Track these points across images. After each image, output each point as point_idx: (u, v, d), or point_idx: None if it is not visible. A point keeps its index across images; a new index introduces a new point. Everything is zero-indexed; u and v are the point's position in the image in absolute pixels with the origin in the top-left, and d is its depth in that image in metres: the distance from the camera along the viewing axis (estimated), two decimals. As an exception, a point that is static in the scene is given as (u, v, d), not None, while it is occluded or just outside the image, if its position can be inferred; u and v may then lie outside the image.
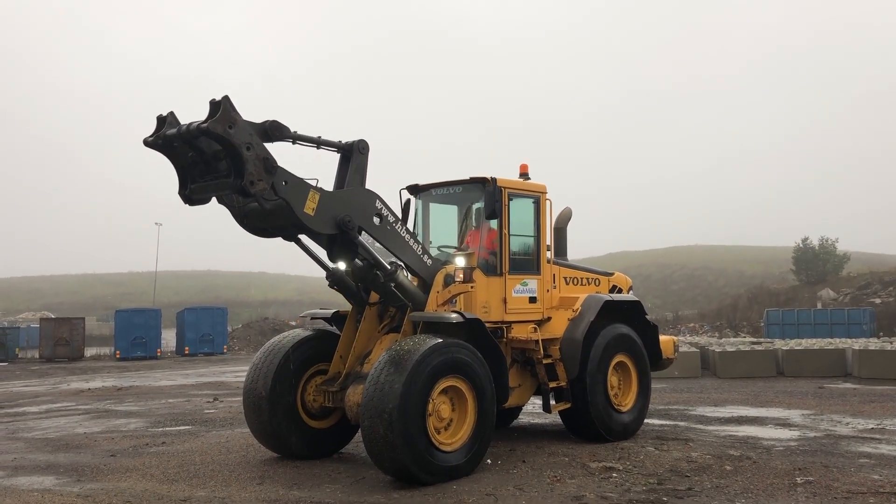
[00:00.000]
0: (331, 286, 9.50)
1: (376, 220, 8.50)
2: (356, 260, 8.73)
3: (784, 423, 11.77)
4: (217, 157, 7.61)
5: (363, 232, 8.45)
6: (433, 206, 10.73)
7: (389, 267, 8.69)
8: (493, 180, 9.52)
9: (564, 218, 11.45)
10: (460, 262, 9.43)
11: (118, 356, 35.70)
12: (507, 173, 10.05)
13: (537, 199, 10.31)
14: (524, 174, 10.50)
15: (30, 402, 17.63)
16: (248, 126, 7.38)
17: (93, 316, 67.68)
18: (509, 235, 9.81)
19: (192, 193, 7.86)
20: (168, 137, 7.49)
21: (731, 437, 10.58)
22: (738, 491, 7.54)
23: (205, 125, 7.12)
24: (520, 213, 10.05)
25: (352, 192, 8.41)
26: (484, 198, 9.49)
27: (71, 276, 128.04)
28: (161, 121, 7.64)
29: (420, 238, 10.53)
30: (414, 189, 10.55)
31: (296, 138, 8.14)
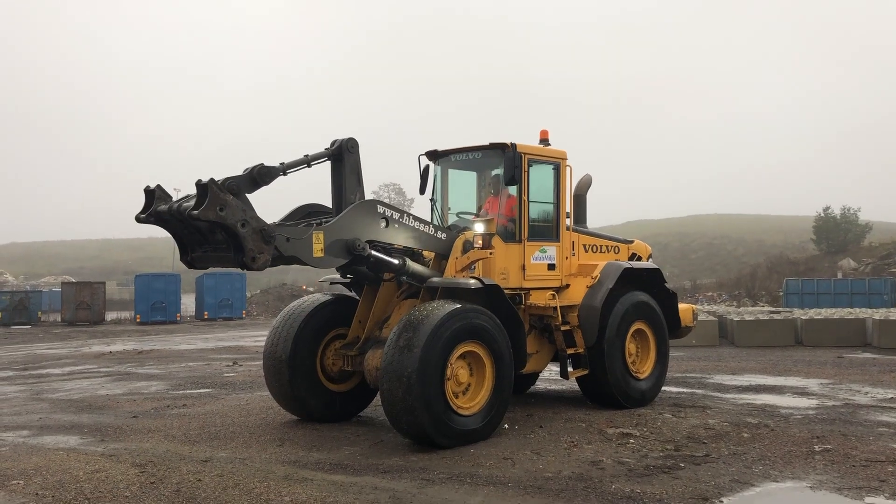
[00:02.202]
0: (344, 276, 9.51)
1: (382, 224, 8.43)
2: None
3: (802, 392, 11.73)
4: (212, 230, 7.52)
5: (374, 243, 8.33)
6: (452, 172, 10.65)
7: (397, 262, 8.61)
8: (513, 146, 9.41)
9: (584, 185, 11.34)
10: (479, 228, 9.41)
11: (138, 320, 36.19)
12: (526, 139, 9.95)
13: (557, 165, 10.22)
14: (544, 140, 10.39)
15: (53, 365, 17.94)
16: (239, 203, 7.19)
17: (113, 280, 68.42)
18: (528, 202, 9.74)
19: (194, 261, 7.86)
20: (160, 213, 7.50)
21: (748, 405, 10.57)
22: (756, 458, 7.55)
23: (195, 212, 7.00)
24: (539, 180, 9.97)
25: (352, 213, 8.21)
26: (504, 163, 9.41)
27: (91, 240, 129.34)
28: (149, 195, 7.59)
29: (439, 205, 10.51)
30: (433, 155, 10.47)
31: (286, 170, 8.08)
